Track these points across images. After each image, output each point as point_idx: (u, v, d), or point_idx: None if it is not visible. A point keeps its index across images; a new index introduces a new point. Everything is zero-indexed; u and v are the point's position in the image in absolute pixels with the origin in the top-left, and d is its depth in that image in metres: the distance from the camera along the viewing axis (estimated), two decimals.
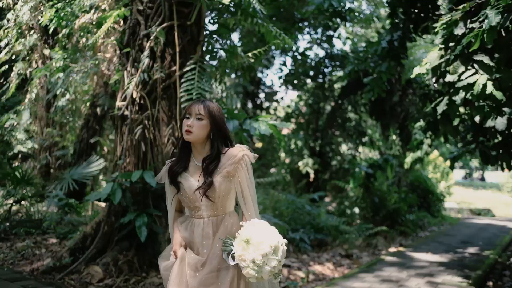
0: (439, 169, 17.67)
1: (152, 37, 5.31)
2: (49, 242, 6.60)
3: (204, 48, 5.81)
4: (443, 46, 5.11)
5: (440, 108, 5.03)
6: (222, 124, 2.48)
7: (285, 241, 2.24)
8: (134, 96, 5.42)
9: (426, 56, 5.54)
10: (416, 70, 5.71)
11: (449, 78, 4.80)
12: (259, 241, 2.16)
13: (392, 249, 8.66)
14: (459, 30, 4.72)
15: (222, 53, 6.45)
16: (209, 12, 6.25)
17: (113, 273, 5.04)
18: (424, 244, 9.26)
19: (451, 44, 4.97)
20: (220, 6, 5.94)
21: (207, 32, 6.17)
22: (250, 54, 5.95)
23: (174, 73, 5.36)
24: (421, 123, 9.86)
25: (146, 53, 5.27)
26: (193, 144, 2.48)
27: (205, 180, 2.39)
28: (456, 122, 5.62)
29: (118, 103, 5.61)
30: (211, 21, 6.34)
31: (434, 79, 5.41)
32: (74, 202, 7.78)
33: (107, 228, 5.38)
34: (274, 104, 17.19)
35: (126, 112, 5.45)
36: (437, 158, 17.35)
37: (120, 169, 5.46)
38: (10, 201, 7.52)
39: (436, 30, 5.19)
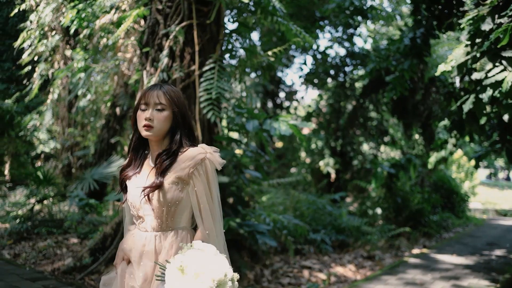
0: (463, 169, 17.32)
1: (171, 36, 5.28)
2: (70, 241, 6.64)
3: (223, 47, 5.76)
4: (469, 42, 4.95)
5: (466, 107, 4.87)
6: (187, 114, 2.02)
7: (237, 276, 1.71)
8: None
9: (451, 54, 5.39)
10: (441, 68, 5.56)
11: (475, 75, 4.65)
12: (198, 271, 1.62)
13: (416, 251, 8.48)
14: (486, 26, 4.56)
15: (241, 52, 6.41)
16: (228, 11, 6.21)
17: None
18: (448, 246, 9.05)
19: (477, 40, 4.81)
20: (240, 4, 5.89)
21: (227, 31, 6.12)
22: (270, 53, 5.88)
23: (193, 73, 5.32)
24: (446, 122, 9.65)
25: (165, 52, 5.25)
26: (150, 142, 2.02)
27: (154, 181, 1.93)
28: (483, 121, 5.45)
29: None
30: (231, 19, 6.29)
31: (459, 77, 5.26)
32: (94, 202, 7.83)
33: None
34: (295, 103, 17.10)
35: None
36: (461, 157, 17.01)
37: None
38: (33, 200, 7.61)
39: (461, 26, 5.04)
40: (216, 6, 5.34)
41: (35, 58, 8.93)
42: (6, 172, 10.24)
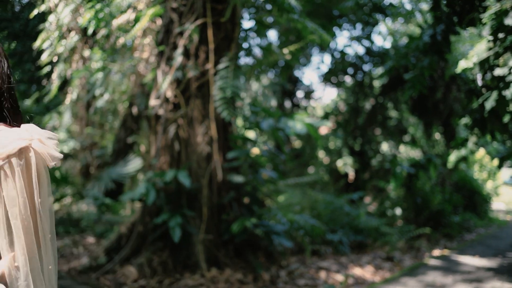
0: (485, 169, 16.96)
1: (186, 35, 5.25)
2: (87, 241, 6.67)
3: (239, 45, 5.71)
4: (491, 37, 4.80)
5: (489, 104, 4.73)
6: None
7: None
8: (168, 95, 5.38)
9: (472, 50, 5.25)
10: (462, 64, 5.42)
11: (498, 71, 4.51)
12: None
13: (436, 252, 8.30)
14: (509, 20, 4.42)
15: (257, 50, 6.35)
16: (245, 9, 6.16)
17: (147, 273, 5.01)
18: (470, 247, 8.84)
19: (500, 35, 4.66)
20: (255, 2, 5.83)
21: (243, 29, 6.07)
22: (286, 51, 5.81)
23: (208, 71, 5.28)
24: (467, 120, 9.43)
25: (179, 50, 5.22)
26: None
27: None
28: (506, 119, 5.28)
29: (152, 102, 5.59)
30: (247, 18, 6.24)
31: (481, 74, 5.11)
32: (110, 201, 7.86)
33: (141, 229, 5.36)
34: (313, 103, 16.99)
35: (161, 111, 5.42)
36: (483, 157, 16.65)
37: (155, 169, 5.43)
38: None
39: (483, 21, 4.89)
40: (231, 4, 5.29)
41: (54, 59, 9.00)
42: None
